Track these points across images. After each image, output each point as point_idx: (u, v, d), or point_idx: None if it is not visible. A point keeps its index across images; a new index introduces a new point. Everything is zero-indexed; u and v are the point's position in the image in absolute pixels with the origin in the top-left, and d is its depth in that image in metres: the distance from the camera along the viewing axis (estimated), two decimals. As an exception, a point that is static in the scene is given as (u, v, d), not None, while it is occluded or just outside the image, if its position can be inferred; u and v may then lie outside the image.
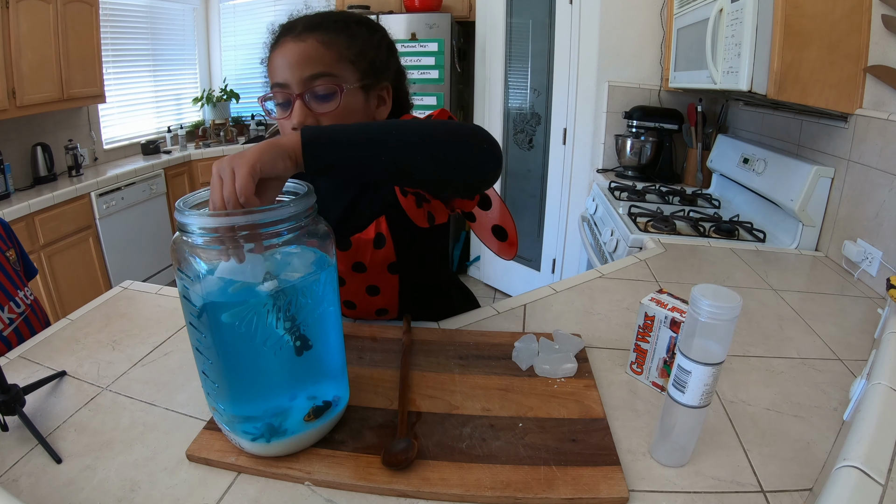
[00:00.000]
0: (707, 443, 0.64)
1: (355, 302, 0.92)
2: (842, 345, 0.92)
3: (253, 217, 0.51)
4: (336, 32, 0.74)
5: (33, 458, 0.61)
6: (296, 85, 0.72)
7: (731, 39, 1.35)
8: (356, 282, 0.88)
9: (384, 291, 0.89)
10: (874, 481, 0.45)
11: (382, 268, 0.85)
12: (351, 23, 0.76)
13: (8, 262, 0.95)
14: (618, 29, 2.28)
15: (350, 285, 0.89)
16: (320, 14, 0.76)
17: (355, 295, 0.91)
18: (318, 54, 0.72)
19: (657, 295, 0.76)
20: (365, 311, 0.94)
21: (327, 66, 0.72)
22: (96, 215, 2.72)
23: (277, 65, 0.73)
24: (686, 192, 1.98)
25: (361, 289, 0.89)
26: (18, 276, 0.97)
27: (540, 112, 2.81)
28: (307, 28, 0.73)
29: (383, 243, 0.82)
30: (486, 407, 0.70)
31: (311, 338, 0.58)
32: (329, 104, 0.73)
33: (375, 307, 0.93)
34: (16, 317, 0.90)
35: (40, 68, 2.51)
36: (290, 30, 0.74)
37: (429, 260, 0.94)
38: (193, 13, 3.96)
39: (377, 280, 0.87)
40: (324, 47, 0.72)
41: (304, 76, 0.71)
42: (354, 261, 0.85)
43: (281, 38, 0.74)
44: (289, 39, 0.73)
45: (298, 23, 0.74)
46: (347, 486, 0.57)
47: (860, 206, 1.28)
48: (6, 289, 0.90)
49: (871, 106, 1.28)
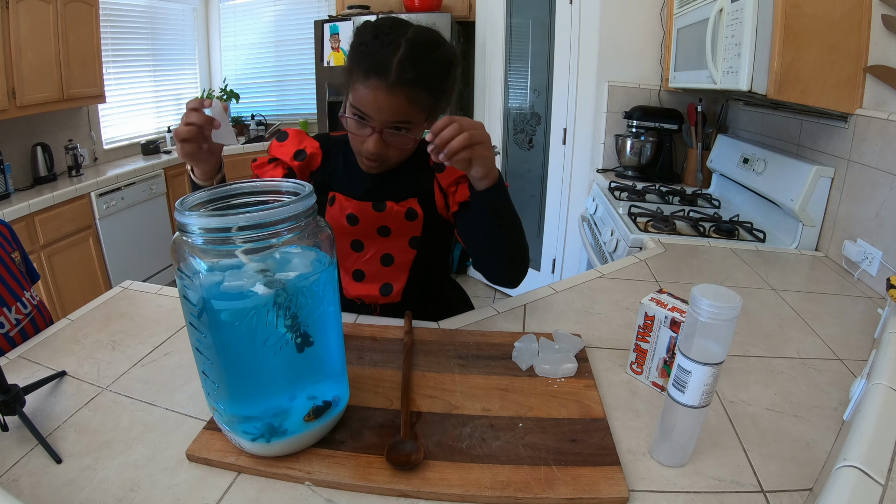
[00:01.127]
0: (707, 443, 0.64)
1: (365, 271, 0.96)
2: (842, 345, 0.92)
3: (254, 216, 0.51)
4: (422, 86, 0.80)
5: (33, 458, 0.61)
6: (378, 123, 0.81)
7: (731, 39, 1.35)
8: (375, 246, 0.94)
9: (397, 263, 0.95)
10: (874, 481, 0.45)
11: (405, 238, 0.94)
12: (436, 70, 0.81)
13: (14, 263, 0.95)
14: (618, 29, 2.28)
15: (368, 250, 0.95)
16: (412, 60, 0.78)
17: (369, 263, 0.95)
18: (404, 109, 0.80)
19: (657, 295, 0.76)
20: (370, 285, 0.97)
21: (408, 116, 0.82)
22: (96, 215, 2.72)
23: (364, 99, 0.80)
24: (686, 192, 1.98)
25: (377, 256, 0.95)
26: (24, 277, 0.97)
27: (540, 112, 2.81)
28: (399, 83, 0.77)
29: (415, 217, 0.93)
30: (486, 407, 0.70)
31: (312, 337, 0.58)
32: (401, 141, 0.84)
33: (384, 279, 0.96)
34: (23, 317, 0.90)
35: (40, 68, 2.51)
36: (382, 74, 0.77)
37: (441, 251, 1.02)
38: (193, 13, 3.96)
39: (395, 249, 0.94)
40: (409, 103, 0.80)
41: (387, 121, 0.81)
42: (383, 224, 0.92)
43: (373, 78, 0.77)
44: (382, 87, 0.77)
45: (392, 69, 0.77)
46: (347, 486, 0.57)
47: (860, 206, 1.28)
48: (13, 289, 0.91)
49: (871, 106, 1.28)
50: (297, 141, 0.94)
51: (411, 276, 0.97)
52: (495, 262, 0.90)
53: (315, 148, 0.95)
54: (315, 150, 0.95)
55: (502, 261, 0.90)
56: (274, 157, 0.94)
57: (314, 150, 0.95)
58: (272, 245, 0.54)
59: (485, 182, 0.81)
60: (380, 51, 0.78)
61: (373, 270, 0.96)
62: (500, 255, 0.89)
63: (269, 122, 4.03)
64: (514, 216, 0.87)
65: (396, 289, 0.97)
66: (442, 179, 0.92)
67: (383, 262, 0.95)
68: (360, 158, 0.89)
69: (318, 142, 0.96)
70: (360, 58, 0.79)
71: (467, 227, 0.91)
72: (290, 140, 0.94)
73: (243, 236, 0.52)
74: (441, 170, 0.91)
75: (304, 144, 0.94)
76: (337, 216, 0.93)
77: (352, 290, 0.98)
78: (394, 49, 0.77)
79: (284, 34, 3.99)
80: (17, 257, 0.97)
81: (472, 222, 0.90)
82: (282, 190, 0.63)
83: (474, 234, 0.90)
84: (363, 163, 0.89)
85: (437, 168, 0.92)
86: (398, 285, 0.97)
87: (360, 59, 0.79)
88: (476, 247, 0.91)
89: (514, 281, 0.93)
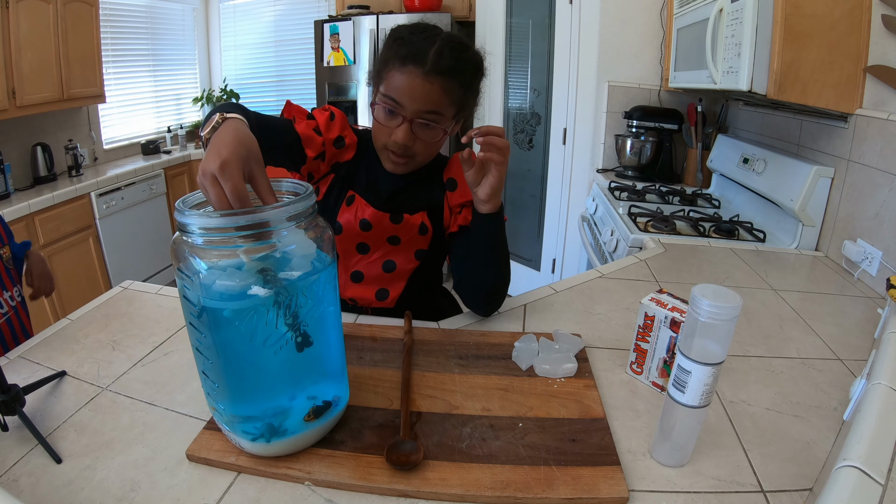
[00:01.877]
0: (707, 443, 0.64)
1: (365, 274, 0.97)
2: (842, 345, 0.92)
3: (254, 216, 0.51)
4: (455, 79, 0.83)
5: (33, 458, 0.61)
6: (410, 112, 0.83)
7: (731, 39, 1.35)
8: (381, 252, 0.96)
9: (399, 271, 0.97)
10: (874, 481, 0.45)
11: (412, 250, 0.96)
12: (468, 66, 0.86)
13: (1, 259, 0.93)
14: (618, 29, 2.28)
15: (372, 254, 0.96)
16: (448, 52, 0.82)
17: (370, 266, 0.96)
18: (437, 97, 0.82)
19: (657, 295, 0.76)
20: (367, 288, 0.97)
21: (440, 107, 0.84)
22: (96, 215, 2.72)
23: (399, 85, 0.82)
24: (686, 192, 1.98)
25: (381, 261, 0.96)
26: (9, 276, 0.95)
27: (540, 112, 2.81)
28: (435, 71, 0.81)
29: (426, 231, 0.95)
30: (486, 407, 0.70)
31: (312, 337, 0.58)
32: (430, 134, 0.86)
33: (381, 284, 0.98)
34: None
35: (40, 68, 2.51)
36: (419, 61, 0.81)
37: (440, 263, 1.05)
38: (193, 13, 3.96)
39: (400, 258, 0.96)
40: (443, 93, 0.83)
41: (420, 109, 0.83)
42: (395, 234, 0.94)
43: (409, 65, 0.81)
44: (418, 73, 0.81)
45: (429, 58, 0.81)
46: (347, 486, 0.57)
47: (860, 206, 1.28)
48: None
49: (871, 106, 1.28)
50: (341, 126, 0.93)
51: (408, 285, 0.98)
52: (477, 287, 0.93)
53: (353, 141, 0.94)
54: (353, 143, 0.94)
55: (483, 288, 0.93)
56: (317, 126, 0.90)
57: (351, 143, 0.94)
58: (272, 245, 0.54)
59: (488, 206, 0.84)
60: (418, 42, 0.81)
61: (373, 274, 0.96)
62: (482, 281, 0.92)
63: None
64: (505, 250, 0.91)
65: (392, 295, 0.98)
66: (452, 198, 0.94)
67: (385, 268, 0.96)
68: (386, 156, 0.89)
69: (357, 137, 0.95)
70: (398, 48, 0.82)
71: (460, 249, 0.94)
72: (336, 122, 0.92)
73: (243, 236, 0.52)
74: (453, 188, 0.94)
75: (346, 133, 0.93)
76: (351, 219, 0.93)
77: (347, 291, 0.98)
78: (431, 42, 0.81)
79: (284, 34, 3.99)
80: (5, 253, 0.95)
81: (465, 245, 0.92)
82: (282, 190, 0.63)
83: (465, 257, 0.93)
84: (389, 160, 0.89)
85: (450, 186, 0.95)
86: (395, 292, 0.98)
87: (397, 49, 0.82)
88: (463, 270, 0.94)
89: (488, 309, 0.96)
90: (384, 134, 0.86)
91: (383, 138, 0.87)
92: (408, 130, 0.83)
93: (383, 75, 0.84)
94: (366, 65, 3.06)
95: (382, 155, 0.90)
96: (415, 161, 0.89)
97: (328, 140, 0.91)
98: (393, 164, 0.89)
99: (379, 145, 0.89)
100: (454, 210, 0.94)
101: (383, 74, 0.84)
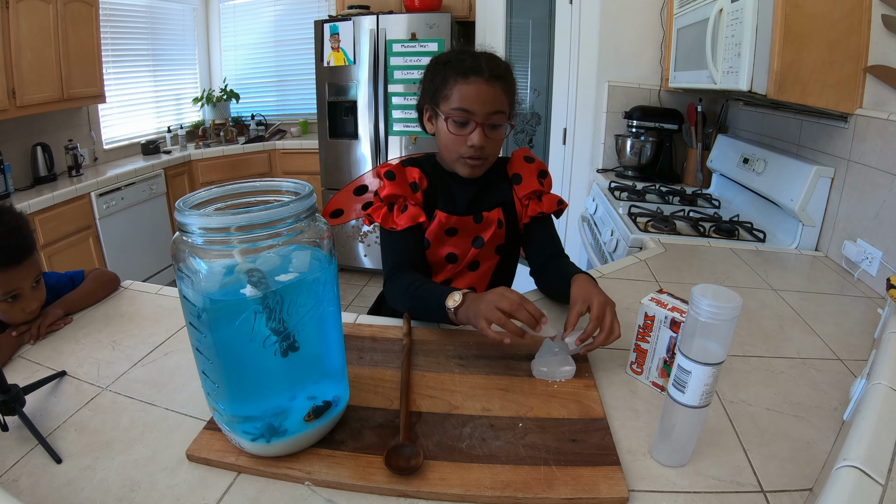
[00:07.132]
0: (707, 443, 0.64)
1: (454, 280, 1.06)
2: (842, 345, 0.92)
3: (253, 216, 0.51)
4: (507, 82, 0.95)
5: (33, 458, 0.61)
6: (481, 116, 0.92)
7: (731, 39, 1.35)
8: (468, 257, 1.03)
9: (483, 269, 1.06)
10: (874, 481, 0.45)
11: (492, 246, 1.04)
12: (510, 70, 0.98)
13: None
14: (618, 29, 2.28)
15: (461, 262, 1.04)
16: (496, 62, 0.95)
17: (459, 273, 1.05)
18: (500, 98, 0.93)
19: (657, 295, 0.76)
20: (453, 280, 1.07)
21: (503, 105, 0.94)
22: (96, 215, 2.72)
23: (467, 95, 0.91)
24: (686, 192, 1.98)
25: (466, 263, 1.04)
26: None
27: (540, 112, 2.81)
28: (493, 77, 0.92)
29: (502, 226, 1.04)
30: (486, 407, 0.70)
31: (310, 338, 0.58)
32: (499, 133, 0.96)
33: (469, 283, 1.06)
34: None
35: (40, 68, 2.51)
36: (479, 71, 0.91)
37: (516, 257, 1.12)
38: (193, 13, 3.96)
39: (483, 256, 1.04)
40: (503, 93, 0.94)
41: (489, 111, 0.92)
42: (478, 234, 1.03)
43: (472, 76, 0.91)
44: (481, 81, 0.91)
45: (484, 68, 0.92)
46: (347, 486, 0.57)
47: (860, 206, 1.28)
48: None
49: (871, 106, 1.28)
50: (404, 175, 1.00)
51: (491, 282, 1.07)
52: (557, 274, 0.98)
53: (418, 174, 1.01)
54: (420, 176, 1.01)
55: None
56: (394, 194, 0.97)
57: (420, 176, 1.01)
58: (272, 245, 0.54)
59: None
60: (468, 60, 0.92)
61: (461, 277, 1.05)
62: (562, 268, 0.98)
63: (269, 122, 4.03)
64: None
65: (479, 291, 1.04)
66: (519, 191, 1.04)
67: (470, 267, 1.05)
68: (462, 163, 0.97)
69: (416, 168, 1.02)
70: (453, 67, 0.92)
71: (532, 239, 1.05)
72: (399, 177, 0.99)
73: (243, 236, 0.52)
74: (519, 181, 1.04)
75: (412, 175, 1.00)
76: (436, 230, 1.00)
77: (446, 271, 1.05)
78: (476, 57, 0.93)
79: (284, 34, 3.99)
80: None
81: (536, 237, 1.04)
82: (282, 190, 0.63)
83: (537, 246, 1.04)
84: (466, 165, 0.97)
85: (516, 180, 1.05)
86: (480, 289, 1.05)
87: (453, 67, 0.92)
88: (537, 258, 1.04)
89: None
90: (458, 143, 0.94)
91: (458, 148, 0.95)
92: (482, 133, 0.92)
93: (443, 94, 0.93)
94: (366, 65, 3.06)
95: (458, 164, 0.97)
96: (487, 162, 0.98)
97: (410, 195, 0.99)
98: (471, 168, 0.97)
99: (454, 156, 0.96)
100: (523, 201, 1.04)
101: (443, 94, 0.93)
